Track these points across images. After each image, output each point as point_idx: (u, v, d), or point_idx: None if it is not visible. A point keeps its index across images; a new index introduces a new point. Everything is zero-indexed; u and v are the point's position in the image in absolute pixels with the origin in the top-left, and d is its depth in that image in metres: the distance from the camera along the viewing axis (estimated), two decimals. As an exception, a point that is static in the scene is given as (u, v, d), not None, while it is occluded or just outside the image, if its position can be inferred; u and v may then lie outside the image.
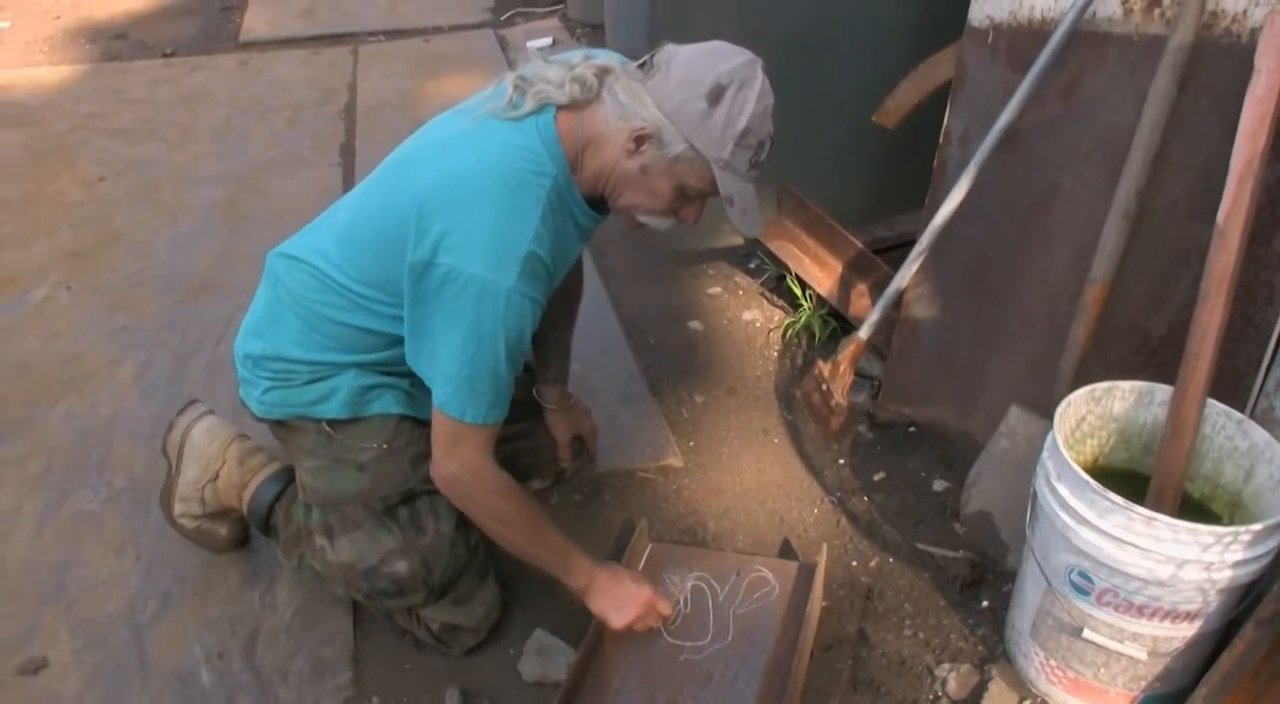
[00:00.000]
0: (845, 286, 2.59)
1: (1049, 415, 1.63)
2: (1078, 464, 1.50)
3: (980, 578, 1.95)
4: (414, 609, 1.78)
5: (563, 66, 1.57)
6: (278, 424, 1.79)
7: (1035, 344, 2.03)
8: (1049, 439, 1.60)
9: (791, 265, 2.72)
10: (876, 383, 2.47)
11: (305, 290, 1.69)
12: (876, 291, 2.43)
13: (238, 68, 4.84)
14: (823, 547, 1.95)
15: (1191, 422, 1.55)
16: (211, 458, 1.94)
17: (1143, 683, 1.58)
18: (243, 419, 1.92)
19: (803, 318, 2.70)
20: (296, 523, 1.81)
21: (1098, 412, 1.70)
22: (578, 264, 1.98)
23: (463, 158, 1.53)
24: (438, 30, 5.33)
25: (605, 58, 1.60)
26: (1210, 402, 1.59)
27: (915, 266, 2.05)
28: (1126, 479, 1.68)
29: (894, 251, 2.71)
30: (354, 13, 5.57)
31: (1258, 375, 1.70)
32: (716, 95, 1.46)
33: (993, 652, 1.81)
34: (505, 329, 1.49)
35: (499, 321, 1.48)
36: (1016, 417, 1.90)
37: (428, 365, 1.57)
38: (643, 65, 1.53)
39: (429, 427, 1.60)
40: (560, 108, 1.55)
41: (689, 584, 1.89)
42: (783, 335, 2.74)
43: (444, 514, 1.73)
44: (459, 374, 1.51)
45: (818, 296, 2.67)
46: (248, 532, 2.04)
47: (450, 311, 1.49)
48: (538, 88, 1.55)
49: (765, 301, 2.91)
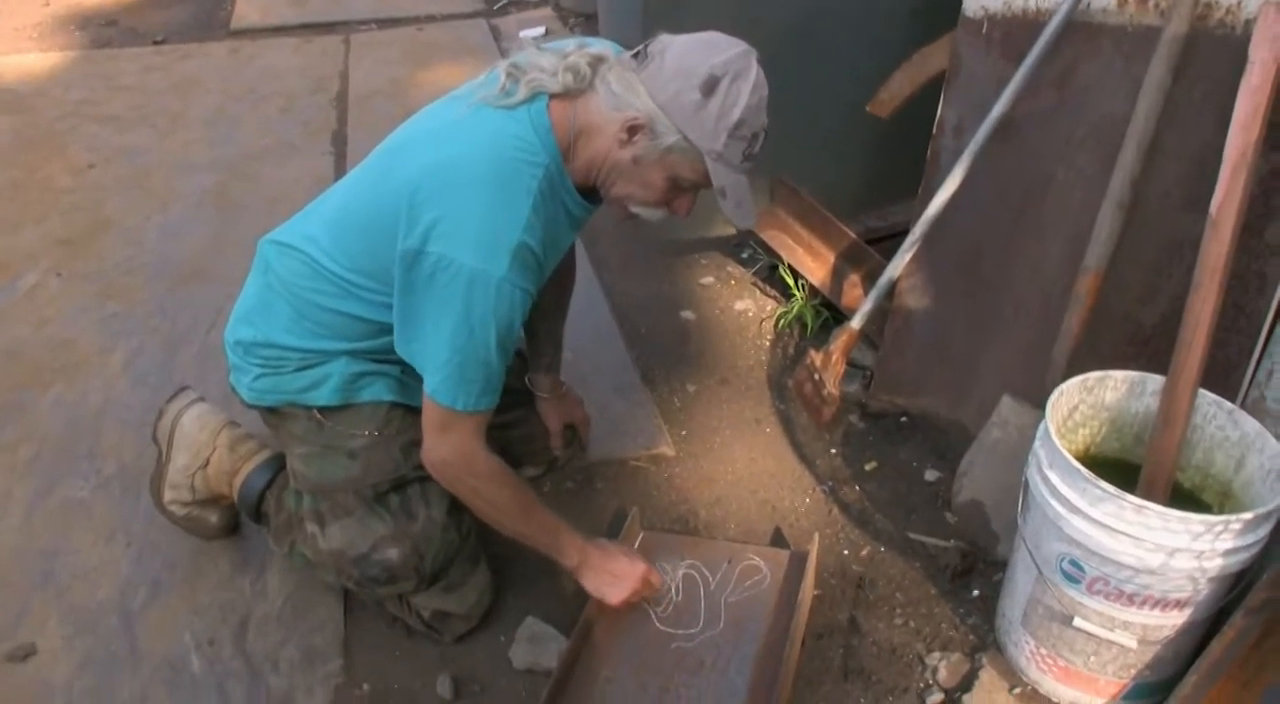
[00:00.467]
0: (838, 276, 2.59)
1: (1041, 405, 1.63)
2: (1069, 453, 1.50)
3: (971, 567, 1.96)
4: (405, 596, 1.78)
5: (556, 55, 1.56)
6: (268, 411, 1.79)
7: (1028, 334, 2.03)
8: (1041, 428, 1.60)
9: (784, 255, 2.72)
10: (869, 373, 2.47)
11: (296, 277, 1.68)
12: (869, 281, 2.43)
13: (229, 55, 4.82)
14: (814, 535, 1.95)
15: (1183, 411, 1.56)
16: (202, 445, 1.94)
17: (1132, 671, 1.59)
18: (233, 406, 1.92)
19: (795, 308, 2.70)
20: (287, 510, 1.80)
21: (1090, 401, 1.70)
22: (570, 253, 1.97)
23: (454, 146, 1.52)
24: (430, 19, 5.32)
25: (599, 46, 1.59)
26: (1201, 391, 1.59)
27: (908, 256, 2.05)
28: (1118, 468, 1.69)
29: (887, 241, 2.72)
30: (346, 1, 5.55)
31: (1249, 365, 1.70)
32: (710, 86, 1.45)
33: (983, 640, 1.82)
34: (496, 318, 1.49)
35: (489, 311, 1.48)
36: (1008, 406, 1.91)
37: (418, 353, 1.56)
38: (637, 55, 1.53)
39: (420, 414, 1.60)
40: (553, 96, 1.54)
41: (681, 572, 1.89)
42: (775, 325, 2.74)
43: (435, 501, 1.73)
44: (449, 362, 1.51)
45: (810, 286, 2.67)
46: (238, 519, 2.03)
47: (441, 300, 1.48)
48: (531, 76, 1.54)
49: (758, 291, 2.91)
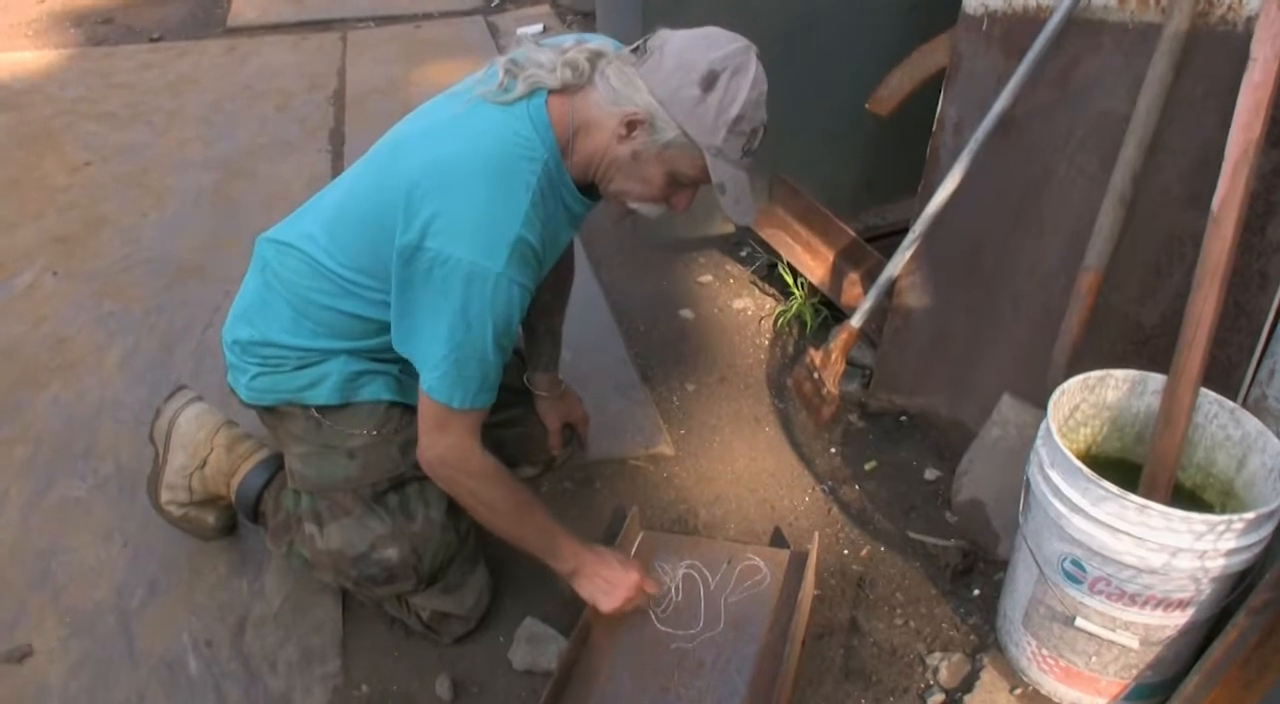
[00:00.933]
0: (837, 275, 2.58)
1: (1041, 404, 1.62)
2: (1071, 453, 1.50)
3: (971, 566, 1.95)
4: (404, 597, 1.77)
5: (554, 50, 1.55)
6: (267, 411, 1.78)
7: (1028, 332, 2.03)
8: (1043, 427, 1.59)
9: (783, 253, 2.72)
10: (868, 372, 2.46)
11: (295, 276, 1.67)
12: (868, 280, 2.42)
13: (226, 53, 4.81)
14: (814, 535, 1.95)
15: (1185, 410, 1.55)
16: (199, 445, 1.93)
17: (1134, 671, 1.58)
18: (231, 406, 1.91)
19: (794, 306, 2.69)
20: (285, 510, 1.79)
21: (1091, 400, 1.70)
22: (569, 251, 1.97)
23: (452, 142, 1.51)
24: (428, 16, 5.31)
25: (598, 42, 1.59)
26: (1203, 390, 1.59)
27: (908, 254, 2.05)
28: (1119, 468, 1.68)
29: (886, 239, 2.71)
30: (343, -2, 5.55)
31: (1250, 364, 1.69)
32: (710, 82, 1.45)
33: (984, 640, 1.81)
34: (493, 314, 1.48)
35: (487, 306, 1.47)
36: (1009, 405, 1.90)
37: (415, 350, 1.55)
38: (636, 50, 1.52)
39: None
40: (552, 92, 1.53)
41: (680, 572, 1.89)
42: (774, 324, 2.73)
43: (434, 501, 1.72)
44: (446, 359, 1.50)
45: (809, 285, 2.66)
46: (235, 519, 2.03)
47: (438, 295, 1.48)
48: (529, 72, 1.53)
49: (757, 290, 2.90)
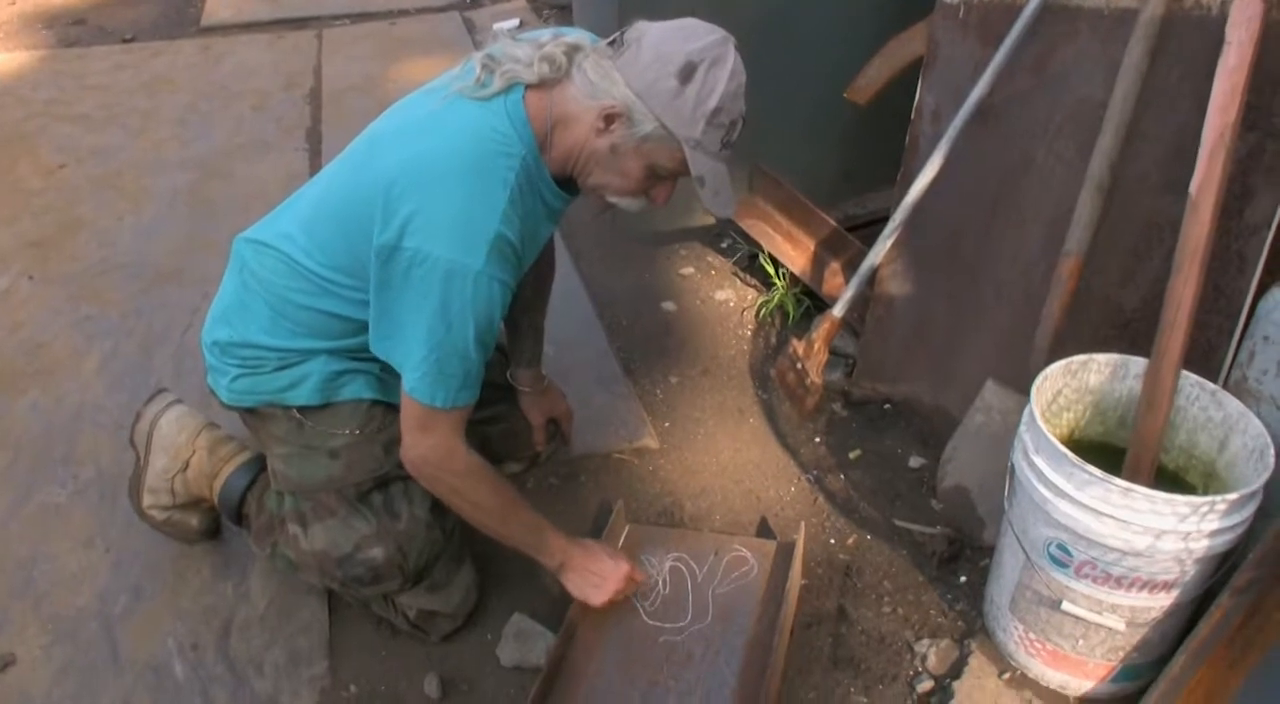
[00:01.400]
0: (818, 265, 2.58)
1: (1024, 390, 1.63)
2: (1055, 437, 1.50)
3: (958, 553, 1.96)
4: (390, 596, 1.76)
5: (531, 45, 1.54)
6: (248, 412, 1.76)
7: (1009, 318, 2.03)
8: (1026, 413, 1.60)
9: (764, 244, 2.71)
10: (851, 360, 2.47)
11: (273, 276, 1.66)
12: (850, 269, 2.43)
13: (200, 53, 4.76)
14: (800, 525, 1.95)
15: (1167, 393, 1.56)
16: (181, 447, 1.91)
17: (1121, 653, 1.59)
18: (212, 408, 1.89)
19: (776, 297, 2.69)
20: (269, 512, 1.78)
21: (1074, 385, 1.70)
22: (549, 246, 1.96)
23: (430, 139, 1.50)
24: (403, 13, 5.28)
25: (575, 36, 1.58)
26: (1184, 373, 1.60)
27: (889, 243, 2.05)
28: (1102, 452, 1.69)
29: (867, 229, 2.72)
30: (318, -5, 5.50)
31: (1230, 346, 1.71)
32: (688, 73, 1.44)
33: (971, 626, 1.82)
34: (474, 312, 1.47)
35: (467, 304, 1.46)
36: (991, 391, 1.91)
37: (396, 350, 1.54)
38: (613, 43, 1.51)
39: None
40: (529, 87, 1.52)
41: (667, 565, 1.88)
42: (756, 315, 2.73)
43: (418, 499, 1.71)
44: (427, 359, 1.49)
45: (791, 275, 2.66)
46: (219, 522, 2.01)
47: (418, 295, 1.47)
48: (506, 67, 1.52)
49: (738, 281, 2.90)
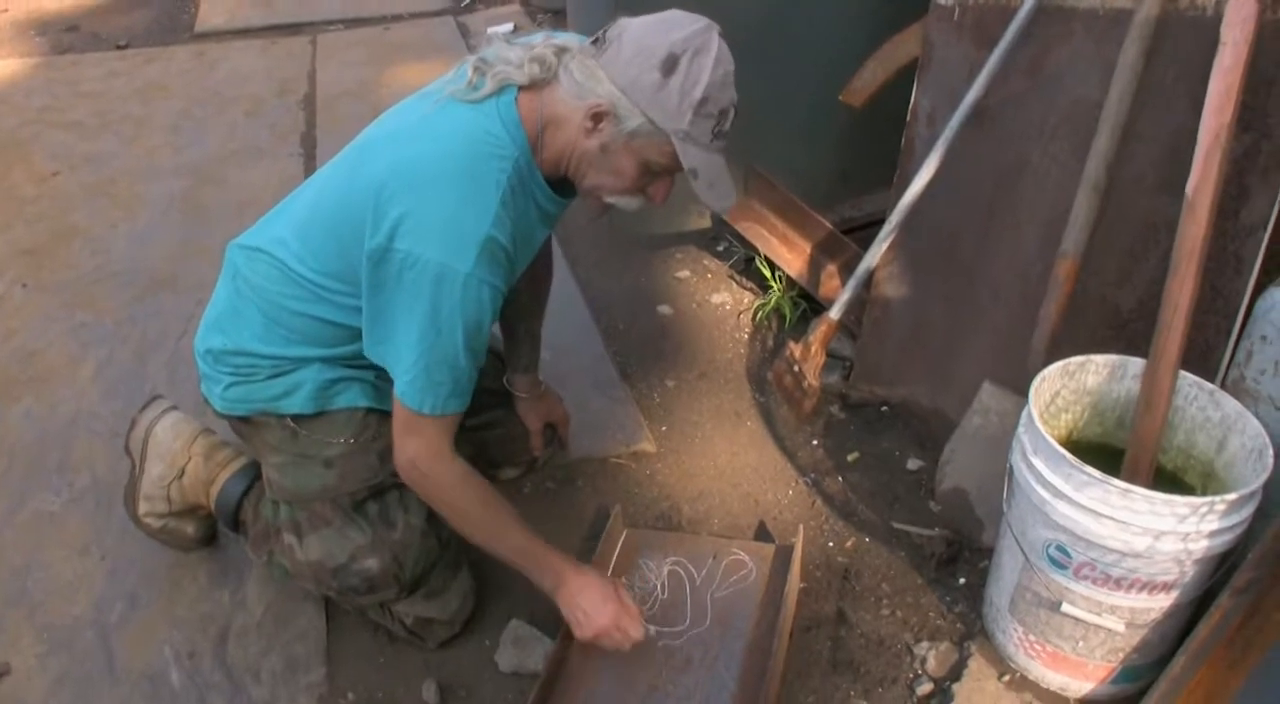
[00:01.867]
0: (815, 267, 2.58)
1: (1022, 391, 1.62)
2: (1053, 438, 1.50)
3: (956, 555, 1.96)
4: (386, 604, 1.75)
5: (523, 48, 1.54)
6: (241, 421, 1.75)
7: (1006, 320, 2.03)
8: (1024, 414, 1.59)
9: (760, 247, 2.71)
10: (848, 363, 2.46)
11: (266, 282, 1.65)
12: (846, 272, 2.42)
13: (194, 59, 4.76)
14: (799, 528, 1.94)
15: (1165, 393, 1.55)
16: (177, 454, 1.90)
17: (1121, 654, 1.58)
18: (206, 416, 1.88)
19: (772, 300, 2.69)
20: (265, 520, 1.77)
21: (1072, 386, 1.70)
22: (546, 251, 1.95)
23: (420, 142, 1.50)
24: (397, 18, 5.27)
25: (565, 38, 1.57)
26: (1182, 373, 1.59)
27: (885, 245, 2.05)
28: (1101, 453, 1.69)
29: (863, 231, 2.70)
30: (312, 1, 5.50)
31: (1227, 346, 1.70)
32: (670, 65, 1.43)
33: (971, 629, 1.81)
34: (463, 316, 1.46)
35: (456, 308, 1.45)
36: (989, 393, 1.90)
37: (387, 355, 1.54)
38: (596, 41, 1.51)
39: (397, 419, 1.58)
40: (521, 89, 1.52)
41: (665, 569, 1.88)
42: (753, 318, 2.73)
43: (414, 508, 1.70)
44: (416, 364, 1.48)
45: (787, 278, 2.66)
46: (215, 529, 2.00)
47: (408, 298, 1.46)
48: (497, 69, 1.52)
49: (734, 284, 2.90)
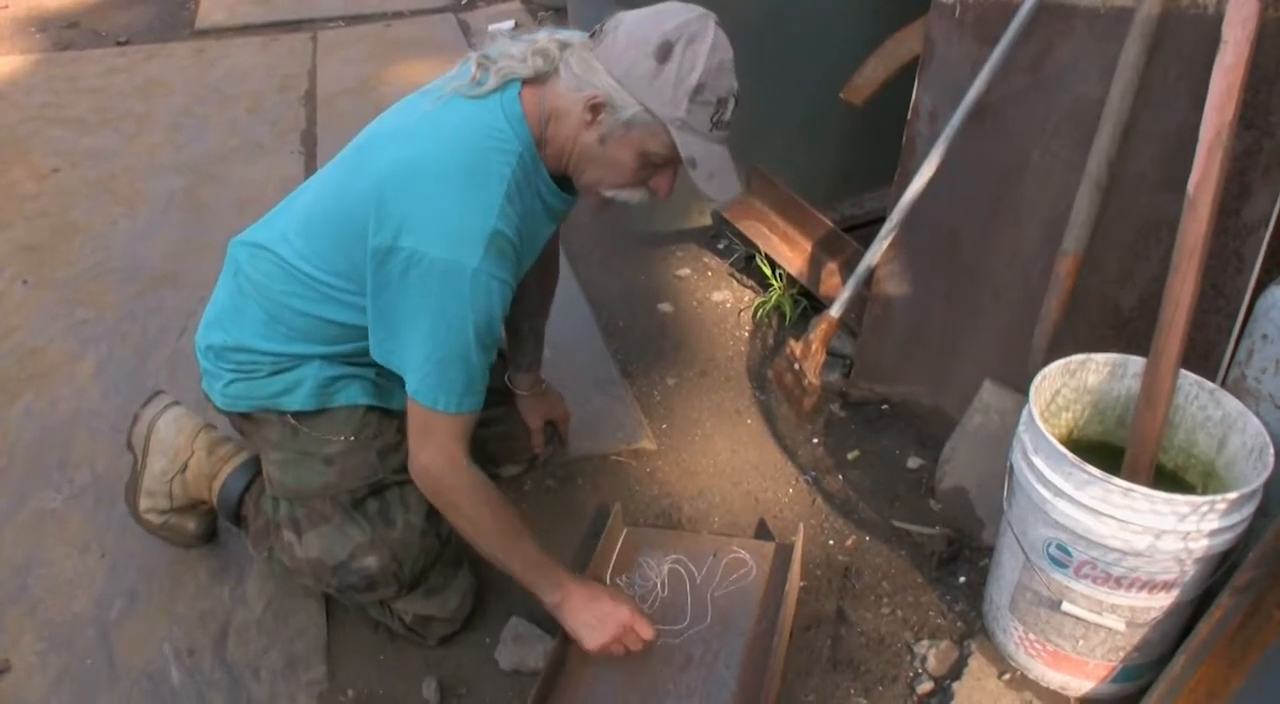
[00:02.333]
0: (815, 265, 2.58)
1: (1022, 390, 1.62)
2: (1053, 437, 1.50)
3: (957, 554, 1.95)
4: (386, 601, 1.75)
5: (526, 42, 1.55)
6: (242, 417, 1.75)
7: (1007, 318, 2.03)
8: (1025, 413, 1.59)
9: (761, 245, 2.71)
10: (849, 361, 2.46)
11: (268, 279, 1.65)
12: (847, 270, 2.42)
13: (194, 56, 4.76)
14: (799, 526, 1.94)
15: (1166, 392, 1.55)
16: (179, 449, 1.90)
17: (1121, 653, 1.58)
18: (207, 412, 1.89)
19: (773, 298, 2.69)
20: (265, 516, 1.77)
21: (1072, 385, 1.70)
22: (552, 250, 1.95)
23: (424, 138, 1.49)
24: (398, 15, 5.27)
25: (568, 33, 1.57)
26: (1183, 372, 1.59)
27: (886, 243, 2.05)
28: (1101, 452, 1.68)
29: (864, 229, 2.71)
30: (312, -2, 5.50)
31: (1228, 345, 1.70)
32: (665, 52, 1.42)
33: (971, 627, 1.81)
34: (473, 312, 1.46)
35: (466, 304, 1.45)
36: (990, 391, 1.90)
37: (396, 354, 1.53)
38: (593, 34, 1.51)
39: (397, 417, 1.57)
40: (525, 83, 1.52)
41: (666, 567, 1.88)
42: (753, 316, 2.73)
43: (414, 505, 1.70)
44: (428, 360, 1.48)
45: (788, 276, 2.65)
46: (216, 525, 2.00)
47: (415, 297, 1.45)
48: (501, 63, 1.52)
49: (735, 282, 2.89)
